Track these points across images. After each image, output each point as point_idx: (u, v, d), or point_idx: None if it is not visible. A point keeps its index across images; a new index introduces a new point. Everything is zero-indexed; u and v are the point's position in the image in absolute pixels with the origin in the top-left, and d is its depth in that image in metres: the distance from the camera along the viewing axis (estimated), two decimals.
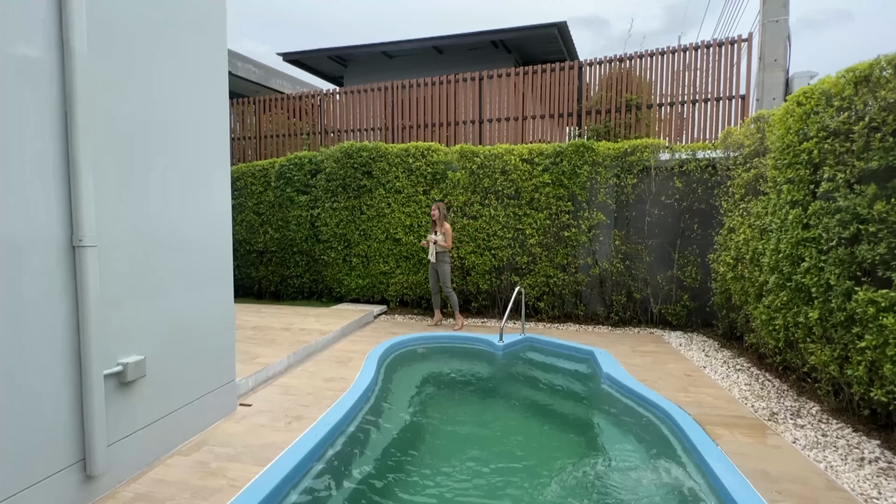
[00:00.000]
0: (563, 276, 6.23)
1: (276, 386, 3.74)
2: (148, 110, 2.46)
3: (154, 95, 2.50)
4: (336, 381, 3.83)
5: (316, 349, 4.73)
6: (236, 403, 3.28)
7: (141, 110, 2.42)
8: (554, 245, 6.28)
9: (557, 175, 6.16)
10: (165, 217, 2.58)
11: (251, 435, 2.86)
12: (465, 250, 6.54)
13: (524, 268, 6.42)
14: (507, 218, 6.40)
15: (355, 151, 7.05)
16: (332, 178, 7.22)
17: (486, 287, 6.60)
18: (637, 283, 6.08)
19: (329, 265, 7.44)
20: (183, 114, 2.71)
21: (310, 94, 8.73)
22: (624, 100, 6.91)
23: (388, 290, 7.13)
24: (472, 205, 6.53)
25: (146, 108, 2.45)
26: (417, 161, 6.77)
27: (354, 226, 7.17)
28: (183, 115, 2.71)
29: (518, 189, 6.34)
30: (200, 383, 2.89)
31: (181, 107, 2.69)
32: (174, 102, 2.63)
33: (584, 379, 4.39)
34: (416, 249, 6.83)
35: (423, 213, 6.79)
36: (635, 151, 5.93)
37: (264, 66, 14.23)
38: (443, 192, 6.70)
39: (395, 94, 8.22)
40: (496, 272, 6.61)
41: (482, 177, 6.46)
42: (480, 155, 6.48)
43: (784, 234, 3.63)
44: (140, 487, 2.29)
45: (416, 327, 6.00)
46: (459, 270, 6.68)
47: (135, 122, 2.38)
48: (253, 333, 4.99)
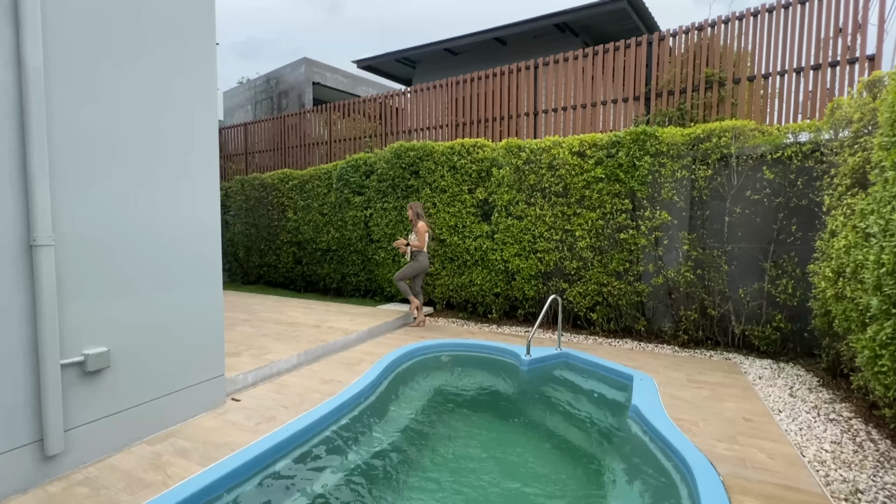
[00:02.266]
0: (619, 285, 5.41)
1: (275, 384, 3.81)
2: (114, 118, 2.62)
3: (121, 104, 2.65)
4: (331, 384, 3.77)
5: (334, 349, 4.76)
6: (225, 398, 3.39)
7: (106, 118, 2.58)
8: (608, 249, 5.49)
9: (612, 169, 5.36)
10: (135, 219, 2.73)
11: (217, 432, 2.91)
12: (509, 252, 6.08)
13: (573, 274, 5.74)
14: (555, 218, 5.77)
15: (403, 151, 7.02)
16: (383, 178, 7.29)
17: (533, 293, 6.05)
18: (713, 296, 5.01)
19: (380, 265, 7.53)
20: (157, 122, 2.84)
21: (374, 97, 8.96)
22: (703, 75, 5.75)
23: (434, 291, 6.97)
24: (517, 204, 6.03)
25: (112, 116, 2.61)
26: (462, 159, 6.49)
27: (402, 226, 7.14)
28: (157, 123, 2.84)
29: (567, 186, 5.67)
30: (180, 377, 3.03)
31: (154, 115, 2.83)
32: (145, 111, 2.78)
33: (611, 409, 3.70)
34: (461, 251, 6.55)
35: (467, 213, 6.49)
36: (711, 137, 4.89)
37: (351, 76, 15.15)
38: (487, 190, 6.32)
39: (451, 90, 8.02)
40: (543, 278, 6.02)
41: (528, 173, 5.93)
42: (526, 149, 5.95)
43: (889, 241, 2.60)
44: (93, 472, 2.45)
45: (453, 331, 5.73)
46: (504, 274, 6.23)
47: (99, 129, 2.55)
48: (284, 329, 5.22)
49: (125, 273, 2.69)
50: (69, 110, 2.42)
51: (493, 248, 6.28)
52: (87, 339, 2.52)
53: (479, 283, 6.41)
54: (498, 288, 6.31)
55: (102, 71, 2.56)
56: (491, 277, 6.33)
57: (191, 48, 3.03)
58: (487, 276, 6.36)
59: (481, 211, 6.49)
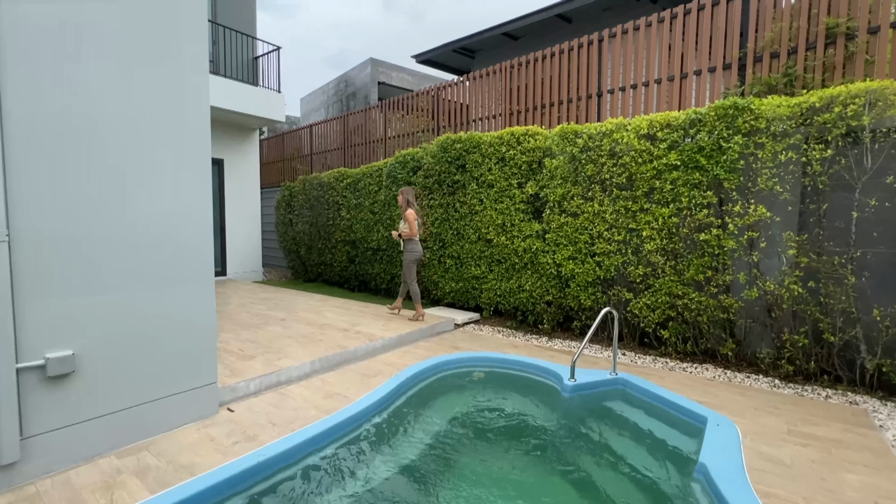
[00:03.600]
0: (698, 298, 4.36)
1: (278, 394, 3.52)
2: (83, 106, 2.44)
3: (91, 91, 2.47)
4: (335, 400, 3.38)
5: (355, 356, 4.40)
6: (217, 408, 3.15)
7: (72, 106, 2.40)
8: (684, 253, 4.46)
9: (691, 153, 4.33)
10: (110, 213, 2.55)
11: (190, 449, 2.64)
12: (563, 255, 5.26)
13: (639, 282, 4.77)
14: (617, 215, 4.85)
15: (450, 144, 6.51)
16: (429, 174, 6.85)
17: (590, 303, 5.17)
18: (832, 317, 3.79)
19: (426, 266, 7.10)
20: (135, 111, 2.64)
21: (426, 90, 8.57)
22: (823, 27, 4.42)
23: (480, 296, 6.37)
24: (572, 198, 5.20)
25: (80, 104, 2.43)
26: (511, 149, 5.79)
27: (448, 224, 6.64)
28: (135, 112, 2.64)
29: (632, 176, 4.73)
30: (161, 384, 2.82)
31: (132, 104, 2.63)
32: (121, 99, 2.58)
33: (670, 463, 2.83)
34: (509, 252, 5.87)
35: (516, 210, 5.79)
36: (832, 105, 3.68)
37: (417, 73, 15.01)
38: (539, 183, 5.56)
39: (504, 76, 7.32)
40: (602, 285, 5.12)
41: (585, 162, 5.07)
42: (584, 135, 5.10)
43: None
44: (46, 485, 2.28)
45: (494, 343, 5.09)
46: (556, 279, 5.43)
47: (65, 119, 2.38)
48: (311, 332, 4.99)
49: (96, 271, 2.51)
50: (26, 99, 2.26)
51: (545, 250, 5.50)
52: (51, 342, 2.36)
53: (529, 289, 5.68)
54: (550, 295, 5.52)
55: (65, 52, 2.38)
56: (542, 283, 5.57)
57: (174, 31, 2.80)
58: (538, 282, 5.60)
59: (532, 207, 5.75)
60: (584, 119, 6.38)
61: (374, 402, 3.21)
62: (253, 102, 8.84)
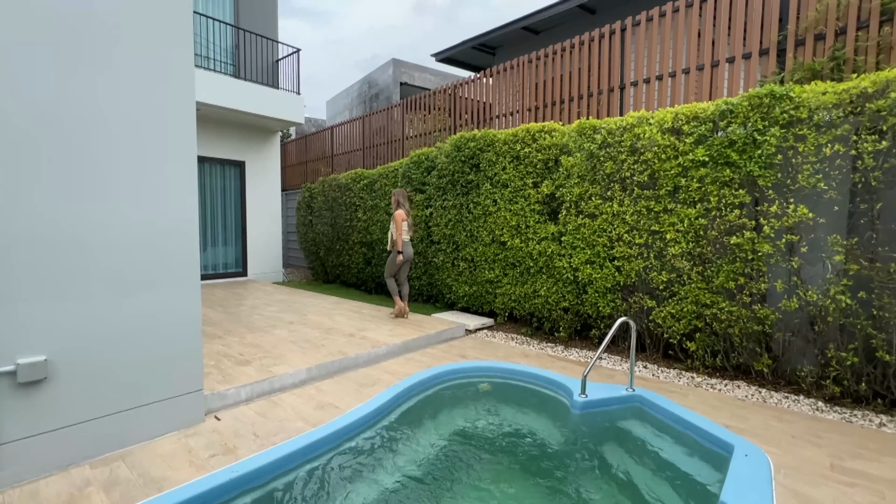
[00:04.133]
0: (729, 308, 3.95)
1: (269, 402, 3.39)
2: (52, 103, 2.37)
3: (59, 99, 2.39)
4: (326, 411, 3.21)
5: (356, 363, 4.23)
6: (203, 416, 3.05)
7: (40, 103, 2.33)
8: (713, 258, 4.05)
9: (720, 148, 3.92)
10: (85, 215, 2.47)
11: (164, 461, 2.53)
12: (580, 259, 4.93)
13: (663, 289, 4.38)
14: (638, 216, 4.48)
15: (463, 143, 6.28)
16: (443, 174, 6.64)
17: (609, 311, 4.81)
18: (887, 331, 3.31)
19: (440, 269, 6.90)
20: (109, 108, 2.56)
21: (443, 88, 8.37)
22: (877, 4, 3.90)
23: (494, 301, 6.09)
24: (590, 198, 4.86)
25: (49, 101, 2.36)
26: (527, 147, 5.50)
27: (462, 226, 6.40)
28: (109, 109, 2.56)
29: (655, 173, 4.35)
30: (142, 391, 2.73)
31: (107, 100, 2.54)
32: (95, 96, 2.50)
33: (688, 497, 2.49)
34: (523, 256, 5.58)
35: (530, 211, 5.49)
36: (888, 90, 3.21)
37: (440, 73, 14.85)
38: (555, 182, 5.24)
39: (521, 72, 7.02)
40: (622, 292, 4.75)
41: (604, 159, 4.72)
42: (602, 130, 4.75)
43: None
44: (12, 497, 2.21)
45: (505, 351, 4.82)
46: (573, 285, 5.10)
47: (33, 124, 2.31)
48: (315, 336, 4.87)
49: (72, 275, 2.44)
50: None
51: (560, 254, 5.18)
52: (22, 347, 2.29)
53: (544, 294, 5.36)
54: (566, 301, 5.19)
55: (28, 47, 2.31)
56: (557, 288, 5.24)
57: (154, 28, 2.71)
58: (553, 287, 5.28)
59: (547, 208, 5.43)
60: (606, 114, 6.01)
61: (362, 416, 3.02)
62: (272, 104, 8.90)
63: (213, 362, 3.87)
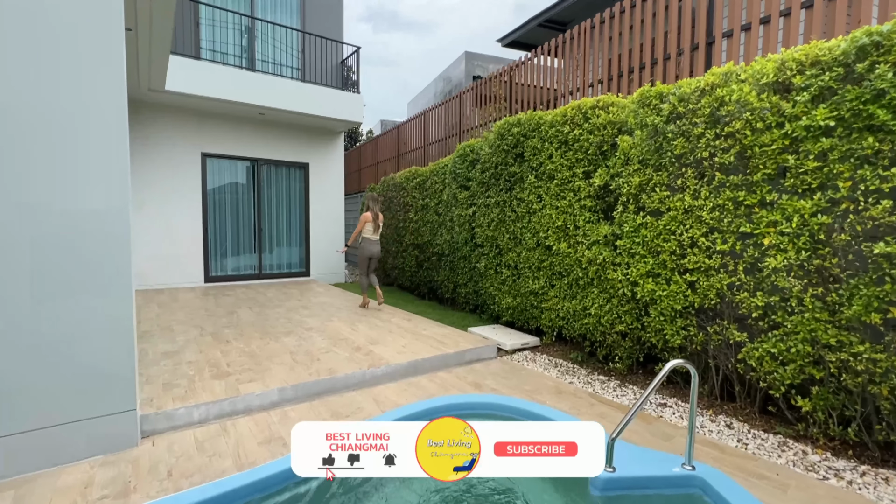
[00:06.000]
0: (871, 354, 2.53)
1: (220, 427, 2.93)
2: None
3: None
4: (271, 447, 2.65)
5: (345, 385, 3.63)
6: (137, 438, 2.68)
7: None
8: (842, 275, 2.64)
9: (856, 105, 2.53)
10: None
11: (52, 500, 2.16)
12: (638, 271, 3.74)
13: (758, 317, 3.04)
14: (720, 212, 3.19)
15: (507, 130, 5.38)
16: (486, 167, 5.80)
17: (679, 342, 3.55)
18: None
19: (483, 275, 6.05)
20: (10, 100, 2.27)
21: (498, 73, 7.48)
22: None
23: (541, 317, 5.07)
24: (653, 189, 3.65)
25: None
26: (577, 129, 4.42)
27: (504, 227, 5.49)
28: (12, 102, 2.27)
29: (745, 151, 3.04)
30: (54, 410, 2.42)
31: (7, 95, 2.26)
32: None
33: None
34: (571, 263, 4.50)
35: (580, 209, 4.40)
36: None
37: (508, 62, 13.81)
38: (610, 171, 4.10)
39: (581, 40, 5.84)
40: (697, 316, 3.47)
41: (672, 136, 3.50)
42: (671, 97, 3.52)
43: None
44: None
45: (535, 382, 3.84)
46: (630, 303, 3.91)
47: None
48: (321, 347, 4.39)
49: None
50: None
51: (615, 262, 4.02)
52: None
53: (595, 313, 4.24)
54: (622, 324, 4.01)
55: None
56: (612, 307, 4.09)
57: (71, 34, 2.39)
58: (606, 305, 4.13)
59: (601, 204, 4.29)
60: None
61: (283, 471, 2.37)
62: (329, 105, 8.84)
63: (192, 372, 3.59)
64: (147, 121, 7.95)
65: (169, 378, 3.44)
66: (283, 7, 9.36)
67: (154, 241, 8.04)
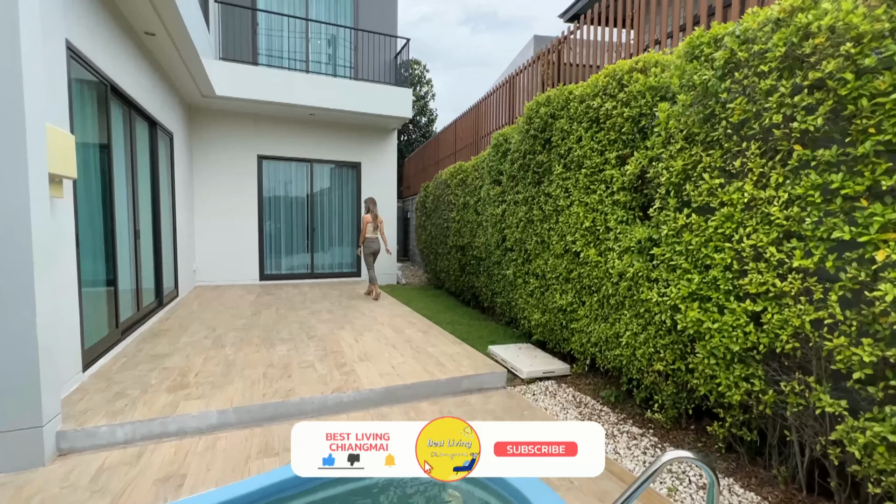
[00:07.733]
0: None
1: (137, 452, 2.62)
2: None
3: None
4: (167, 487, 2.24)
5: (300, 411, 3.13)
6: (44, 458, 2.46)
7: None
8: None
9: None
10: None
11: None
12: (679, 292, 2.66)
13: (867, 380, 1.85)
14: (802, 209, 2.04)
15: (534, 112, 4.48)
16: (515, 157, 4.94)
17: (739, 397, 2.43)
18: None
19: (513, 284, 5.19)
20: None
21: (545, 51, 6.48)
22: None
23: (571, 339, 4.11)
24: (700, 175, 2.56)
25: None
26: (609, 101, 3.41)
27: (532, 228, 4.60)
28: None
29: (842, 107, 1.87)
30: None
31: None
32: None
33: None
34: (600, 275, 3.50)
35: (612, 204, 3.39)
36: None
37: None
38: (647, 153, 3.04)
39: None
40: (765, 364, 2.32)
41: (729, 97, 2.38)
42: (727, 40, 2.40)
43: None
44: None
45: None
46: (672, 335, 2.83)
47: None
48: (307, 361, 3.97)
49: None
50: None
51: (650, 279, 2.97)
52: None
53: (628, 341, 3.21)
54: (661, 362, 2.94)
55: None
56: (646, 337, 3.03)
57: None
58: (641, 334, 3.09)
59: (641, 199, 3.23)
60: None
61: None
62: (375, 101, 8.56)
63: (155, 381, 3.40)
64: (207, 125, 8.43)
65: (127, 386, 3.28)
66: (337, 5, 9.35)
67: (214, 240, 8.51)
